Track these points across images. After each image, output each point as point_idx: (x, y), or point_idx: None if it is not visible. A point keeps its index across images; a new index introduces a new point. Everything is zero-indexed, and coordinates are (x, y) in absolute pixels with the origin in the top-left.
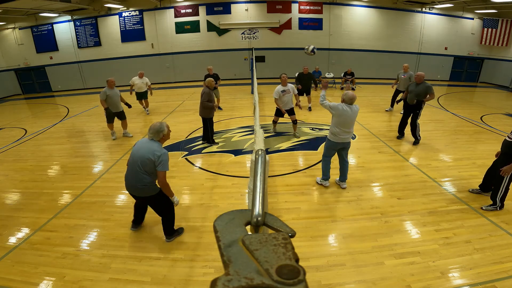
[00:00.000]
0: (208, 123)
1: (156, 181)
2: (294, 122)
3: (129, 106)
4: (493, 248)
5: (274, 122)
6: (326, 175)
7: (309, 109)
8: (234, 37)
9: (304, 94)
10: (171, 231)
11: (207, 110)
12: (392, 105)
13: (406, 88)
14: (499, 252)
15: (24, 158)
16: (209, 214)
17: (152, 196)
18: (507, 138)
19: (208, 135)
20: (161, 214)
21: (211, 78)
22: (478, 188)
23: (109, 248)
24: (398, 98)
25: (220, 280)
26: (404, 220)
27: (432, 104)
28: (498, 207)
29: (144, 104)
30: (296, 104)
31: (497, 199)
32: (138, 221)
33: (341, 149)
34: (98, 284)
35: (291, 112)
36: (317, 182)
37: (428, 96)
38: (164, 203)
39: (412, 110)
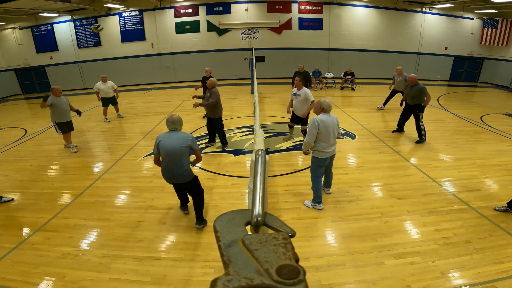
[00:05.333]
0: (213, 124)
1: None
2: (303, 131)
3: (79, 114)
4: (493, 248)
5: (290, 127)
6: (319, 197)
7: None
8: (234, 37)
9: None
10: (202, 217)
11: (210, 109)
12: (384, 104)
13: (405, 89)
14: (499, 252)
15: (24, 158)
16: (209, 214)
17: (192, 180)
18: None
19: (213, 136)
20: (198, 196)
21: (214, 78)
22: (506, 205)
23: (109, 248)
24: (402, 99)
25: (220, 280)
26: (404, 220)
27: (432, 104)
28: None
29: (115, 109)
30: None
31: None
32: (186, 202)
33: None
34: (98, 284)
35: (302, 121)
36: (308, 207)
37: (425, 99)
38: (199, 185)
39: (411, 111)
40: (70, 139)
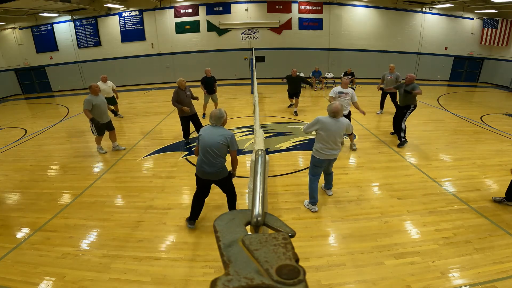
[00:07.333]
0: (194, 119)
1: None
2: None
3: (115, 114)
4: (493, 248)
5: None
6: (314, 198)
7: (295, 113)
8: (234, 37)
9: (293, 97)
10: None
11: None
12: (382, 108)
13: (395, 85)
14: (499, 252)
15: (24, 158)
16: (209, 214)
17: (225, 177)
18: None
19: (189, 133)
20: (231, 193)
21: (182, 78)
22: (504, 197)
23: (109, 248)
24: (381, 87)
25: (220, 280)
26: (404, 220)
27: (432, 104)
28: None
29: (115, 109)
30: (361, 112)
31: None
32: (196, 216)
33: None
34: (98, 284)
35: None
36: (305, 206)
37: (415, 91)
38: (231, 183)
39: (401, 110)
40: (101, 141)
